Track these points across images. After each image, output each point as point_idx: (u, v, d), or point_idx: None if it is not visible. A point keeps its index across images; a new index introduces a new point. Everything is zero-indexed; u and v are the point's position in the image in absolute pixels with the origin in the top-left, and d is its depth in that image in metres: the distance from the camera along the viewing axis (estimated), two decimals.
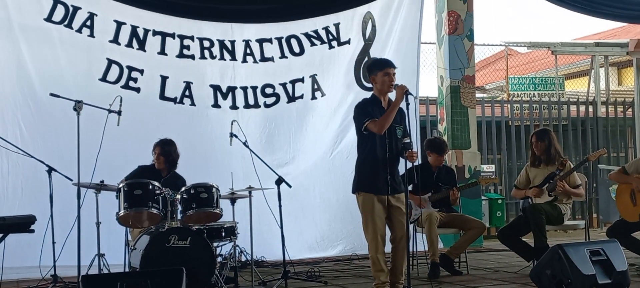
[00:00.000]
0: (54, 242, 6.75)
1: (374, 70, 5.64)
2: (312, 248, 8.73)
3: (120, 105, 6.28)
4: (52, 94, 6.36)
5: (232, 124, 6.78)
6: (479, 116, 11.07)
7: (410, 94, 5.37)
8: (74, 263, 6.25)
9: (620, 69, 19.25)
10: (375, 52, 9.01)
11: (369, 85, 8.73)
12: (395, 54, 9.06)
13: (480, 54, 16.23)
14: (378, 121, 5.37)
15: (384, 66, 5.59)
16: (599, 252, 5.18)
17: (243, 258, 7.28)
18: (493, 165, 12.62)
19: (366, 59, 8.96)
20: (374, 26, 9.10)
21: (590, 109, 13.65)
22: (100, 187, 6.26)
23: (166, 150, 6.89)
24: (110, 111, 6.27)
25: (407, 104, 5.39)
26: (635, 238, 6.81)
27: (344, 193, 8.26)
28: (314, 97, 8.76)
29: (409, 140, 5.44)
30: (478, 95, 12.32)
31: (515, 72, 17.99)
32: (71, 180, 6.69)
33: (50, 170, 6.78)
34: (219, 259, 6.57)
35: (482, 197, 10.70)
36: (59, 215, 6.94)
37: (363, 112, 5.50)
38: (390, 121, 5.36)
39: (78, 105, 6.04)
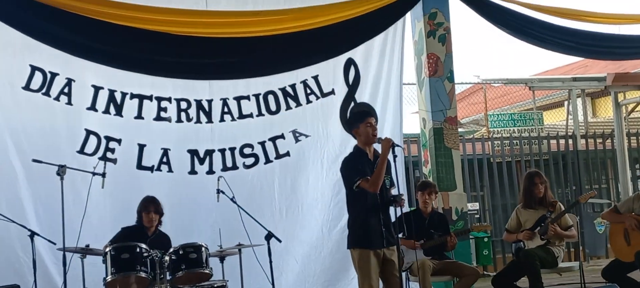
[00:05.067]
0: None
1: (355, 123, 5.63)
2: None
3: (104, 168, 6.15)
4: (34, 160, 6.21)
5: (218, 180, 6.69)
6: (460, 154, 11.06)
7: (397, 145, 5.33)
8: None
9: (594, 99, 19.46)
10: (361, 97, 8.96)
11: None
12: (382, 97, 9.03)
13: (456, 89, 16.36)
14: (371, 180, 5.32)
15: (365, 117, 5.58)
16: None
17: None
18: (477, 203, 12.63)
19: (352, 104, 8.88)
20: (357, 71, 9.00)
21: (570, 142, 13.73)
22: (86, 252, 6.10)
23: (158, 207, 6.79)
24: (94, 174, 6.13)
25: (395, 156, 5.34)
26: (632, 279, 6.75)
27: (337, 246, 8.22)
28: (297, 140, 8.62)
29: (397, 191, 5.39)
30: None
31: (492, 106, 18.12)
32: (54, 243, 6.56)
33: (33, 234, 6.63)
34: None
35: (470, 236, 10.63)
36: (45, 280, 6.81)
37: (353, 169, 5.45)
38: (382, 176, 5.31)
39: (61, 170, 5.90)
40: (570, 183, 13.62)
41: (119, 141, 8.01)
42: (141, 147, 8.12)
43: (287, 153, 8.56)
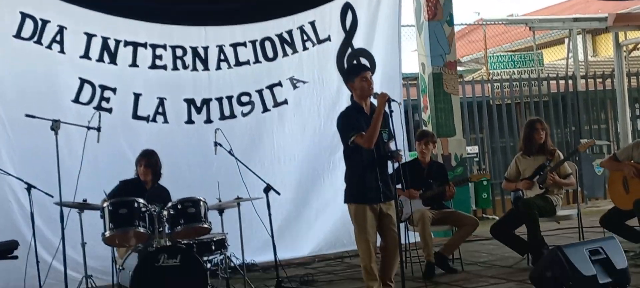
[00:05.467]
0: (38, 262, 6.59)
1: (350, 77, 5.55)
2: (298, 247, 8.61)
3: (99, 121, 6.07)
4: (27, 115, 6.13)
5: (216, 132, 6.62)
6: (459, 97, 10.99)
7: (394, 100, 5.25)
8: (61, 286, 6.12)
9: (594, 36, 19.24)
10: (358, 42, 8.84)
11: None
12: (378, 41, 8.92)
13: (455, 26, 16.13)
14: (365, 135, 5.26)
15: (360, 71, 5.52)
16: (598, 251, 5.10)
17: (234, 263, 7.10)
18: (476, 146, 12.60)
19: (349, 50, 8.77)
20: (354, 16, 8.89)
21: (570, 83, 13.64)
22: (83, 207, 6.07)
23: (152, 161, 6.70)
24: (89, 128, 6.06)
25: (391, 111, 5.28)
26: (630, 226, 6.75)
27: (333, 191, 8.21)
28: (295, 87, 8.54)
29: (395, 147, 5.33)
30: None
31: (492, 44, 17.92)
32: (52, 196, 6.52)
33: (30, 187, 6.60)
34: (209, 266, 6.44)
35: (468, 174, 10.62)
36: (42, 236, 6.80)
37: (348, 125, 5.39)
38: (377, 132, 5.24)
39: (56, 125, 5.82)
40: (569, 124, 13.58)
41: (114, 90, 7.94)
42: (136, 96, 8.05)
43: (285, 101, 8.50)
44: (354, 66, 5.57)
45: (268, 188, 6.41)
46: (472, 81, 12.91)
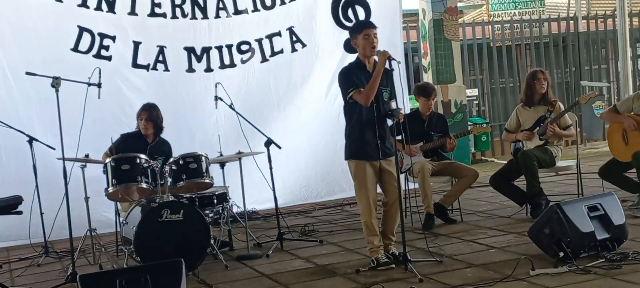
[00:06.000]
0: (41, 213, 6.70)
1: (353, 34, 5.50)
2: (298, 194, 8.70)
3: (100, 77, 6.05)
4: (28, 73, 6.11)
5: (216, 86, 6.62)
6: (460, 39, 10.94)
7: (394, 59, 5.22)
8: (64, 237, 6.19)
9: None
10: None
11: (348, 23, 8.62)
12: None
13: None
14: (363, 92, 5.24)
15: (363, 28, 5.44)
16: (596, 207, 5.16)
17: (234, 212, 7.15)
18: (476, 89, 12.61)
19: None
20: None
21: (571, 24, 13.56)
22: (86, 161, 6.11)
23: (153, 115, 6.69)
24: (89, 84, 6.04)
25: (391, 69, 5.26)
26: (628, 177, 6.80)
27: (332, 138, 8.26)
28: (294, 50, 8.55)
29: (396, 106, 5.32)
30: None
31: None
32: (53, 149, 6.59)
33: (31, 140, 6.64)
34: (211, 215, 6.51)
35: (468, 124, 10.66)
36: (45, 188, 6.86)
37: (348, 81, 5.36)
38: (375, 90, 5.22)
39: (56, 82, 5.77)
40: (570, 65, 13.55)
41: (113, 38, 7.94)
42: (136, 44, 8.06)
43: (281, 51, 8.50)
44: (358, 23, 5.50)
45: (269, 142, 6.43)
46: (472, 23, 12.85)
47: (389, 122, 5.41)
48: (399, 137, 5.48)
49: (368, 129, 5.36)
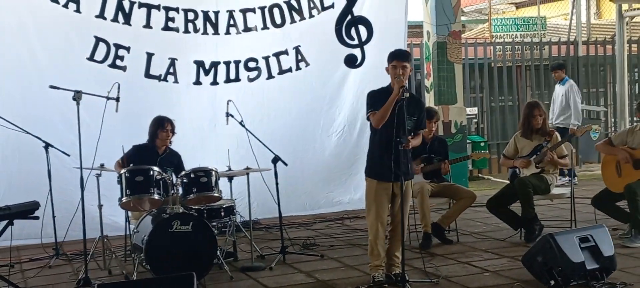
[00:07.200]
0: (54, 216, 6.95)
1: (388, 60, 5.64)
2: (300, 207, 8.97)
3: (118, 92, 6.31)
4: (51, 86, 6.37)
5: (228, 103, 6.82)
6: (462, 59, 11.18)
7: (406, 90, 5.42)
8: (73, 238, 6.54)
9: None
10: (360, 10, 9.02)
11: (352, 42, 8.90)
12: (383, 10, 9.09)
13: None
14: (375, 116, 5.51)
15: (393, 58, 5.59)
16: (587, 238, 5.42)
17: (238, 222, 7.36)
18: (475, 108, 12.87)
19: (349, 16, 8.96)
20: None
21: (571, 48, 13.83)
22: (101, 171, 6.37)
23: (174, 127, 6.98)
24: (108, 98, 6.31)
25: (402, 99, 5.44)
26: (620, 207, 7.05)
27: (330, 153, 8.54)
28: (298, 68, 8.83)
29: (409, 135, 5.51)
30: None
31: None
32: (68, 155, 6.87)
33: (47, 146, 6.91)
34: (217, 223, 6.74)
35: (467, 141, 10.94)
36: (59, 193, 7.13)
37: (369, 102, 5.66)
38: (386, 116, 5.44)
39: (77, 95, 6.06)
40: None
41: (128, 49, 8.21)
42: (149, 55, 8.31)
43: (290, 69, 8.77)
44: (391, 53, 5.68)
45: (276, 160, 6.67)
46: (474, 43, 13.09)
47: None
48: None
49: (384, 151, 5.57)
